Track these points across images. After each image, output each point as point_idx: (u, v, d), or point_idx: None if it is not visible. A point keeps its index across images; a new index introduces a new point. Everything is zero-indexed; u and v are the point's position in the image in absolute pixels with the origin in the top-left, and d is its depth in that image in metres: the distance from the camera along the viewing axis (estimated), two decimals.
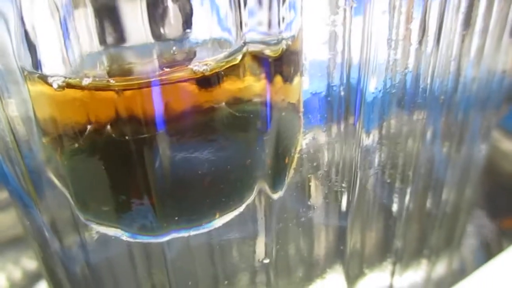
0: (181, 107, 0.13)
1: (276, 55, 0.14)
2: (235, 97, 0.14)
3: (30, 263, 0.27)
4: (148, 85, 0.13)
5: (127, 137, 0.13)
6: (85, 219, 0.16)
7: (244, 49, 0.14)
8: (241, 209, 0.16)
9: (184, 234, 0.16)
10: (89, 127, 0.13)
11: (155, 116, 0.13)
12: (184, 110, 0.14)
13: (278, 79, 0.15)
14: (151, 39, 0.13)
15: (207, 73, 0.13)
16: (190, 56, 0.14)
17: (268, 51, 0.14)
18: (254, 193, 0.16)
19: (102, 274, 0.17)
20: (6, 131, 0.15)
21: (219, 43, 0.14)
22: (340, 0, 0.15)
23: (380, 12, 0.16)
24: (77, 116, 0.13)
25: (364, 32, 0.16)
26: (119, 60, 0.14)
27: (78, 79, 0.13)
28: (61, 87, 0.13)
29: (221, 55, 0.14)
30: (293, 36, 0.15)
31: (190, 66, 0.13)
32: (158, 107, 0.13)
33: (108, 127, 0.13)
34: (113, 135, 0.13)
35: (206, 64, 0.13)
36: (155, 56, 0.13)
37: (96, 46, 0.13)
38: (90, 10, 0.12)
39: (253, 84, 0.14)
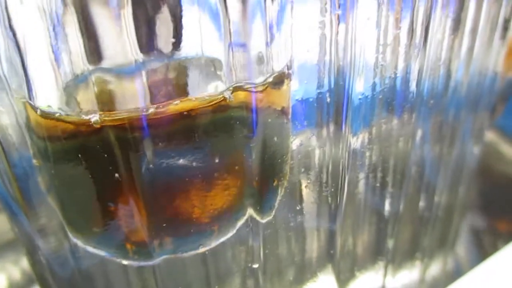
0: (167, 116, 0.14)
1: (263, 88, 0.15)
2: (221, 104, 0.14)
3: None
4: (140, 121, 0.13)
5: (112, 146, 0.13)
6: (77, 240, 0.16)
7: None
8: (234, 230, 0.16)
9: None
10: (77, 137, 0.13)
11: (142, 125, 0.13)
12: (169, 118, 0.14)
13: (266, 86, 0.15)
14: (140, 56, 0.13)
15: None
16: (182, 74, 0.14)
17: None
18: (246, 215, 0.16)
19: (91, 280, 0.17)
20: None
21: (212, 60, 0.14)
22: (327, 5, 0.15)
23: (368, 15, 0.16)
24: (63, 129, 0.13)
25: (352, 36, 0.16)
26: (107, 83, 0.14)
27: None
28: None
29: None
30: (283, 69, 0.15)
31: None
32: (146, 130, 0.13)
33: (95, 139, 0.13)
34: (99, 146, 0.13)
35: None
36: (145, 79, 0.13)
37: (84, 65, 0.13)
38: (77, 29, 0.12)
39: (239, 93, 0.14)
